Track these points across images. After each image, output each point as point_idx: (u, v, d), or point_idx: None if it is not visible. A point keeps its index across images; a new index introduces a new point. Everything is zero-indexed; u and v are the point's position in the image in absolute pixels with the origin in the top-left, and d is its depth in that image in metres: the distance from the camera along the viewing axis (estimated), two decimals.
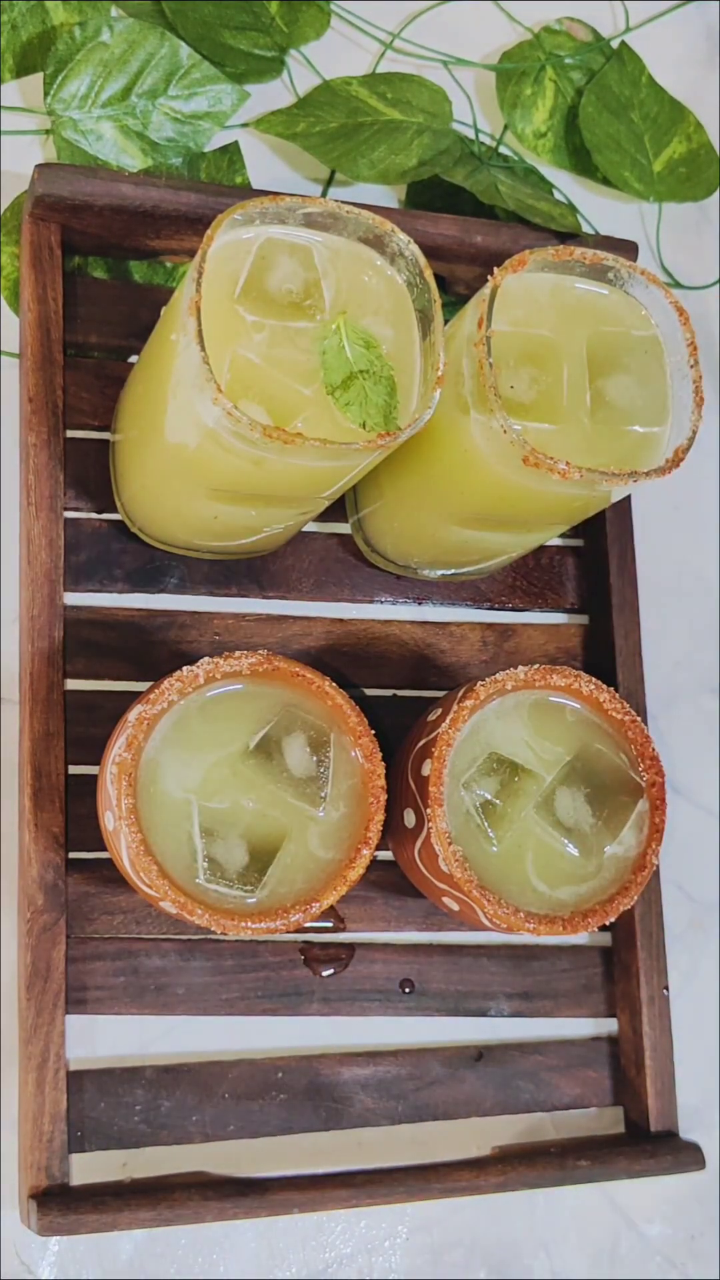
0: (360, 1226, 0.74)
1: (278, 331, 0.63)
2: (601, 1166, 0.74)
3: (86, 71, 0.77)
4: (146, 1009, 0.71)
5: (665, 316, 0.67)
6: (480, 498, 0.68)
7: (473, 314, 0.64)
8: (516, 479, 0.64)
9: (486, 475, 0.66)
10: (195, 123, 0.80)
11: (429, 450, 0.68)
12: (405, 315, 0.65)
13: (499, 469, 0.65)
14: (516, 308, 0.66)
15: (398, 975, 0.76)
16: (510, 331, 0.66)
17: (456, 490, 0.69)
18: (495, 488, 0.66)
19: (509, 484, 0.65)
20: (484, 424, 0.63)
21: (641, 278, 0.67)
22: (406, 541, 0.76)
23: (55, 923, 0.68)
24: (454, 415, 0.66)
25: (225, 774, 0.66)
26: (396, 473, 0.72)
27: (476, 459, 0.65)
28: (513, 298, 0.66)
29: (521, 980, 0.77)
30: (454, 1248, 0.75)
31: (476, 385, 0.63)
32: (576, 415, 0.66)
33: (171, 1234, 0.71)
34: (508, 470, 0.64)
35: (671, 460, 0.65)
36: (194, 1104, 0.71)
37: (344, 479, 0.65)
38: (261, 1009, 0.73)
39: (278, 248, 0.63)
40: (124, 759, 0.63)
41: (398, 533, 0.76)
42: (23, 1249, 0.69)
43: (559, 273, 0.68)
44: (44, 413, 0.72)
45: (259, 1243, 0.73)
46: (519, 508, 0.68)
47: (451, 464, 0.67)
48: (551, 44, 0.90)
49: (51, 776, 0.69)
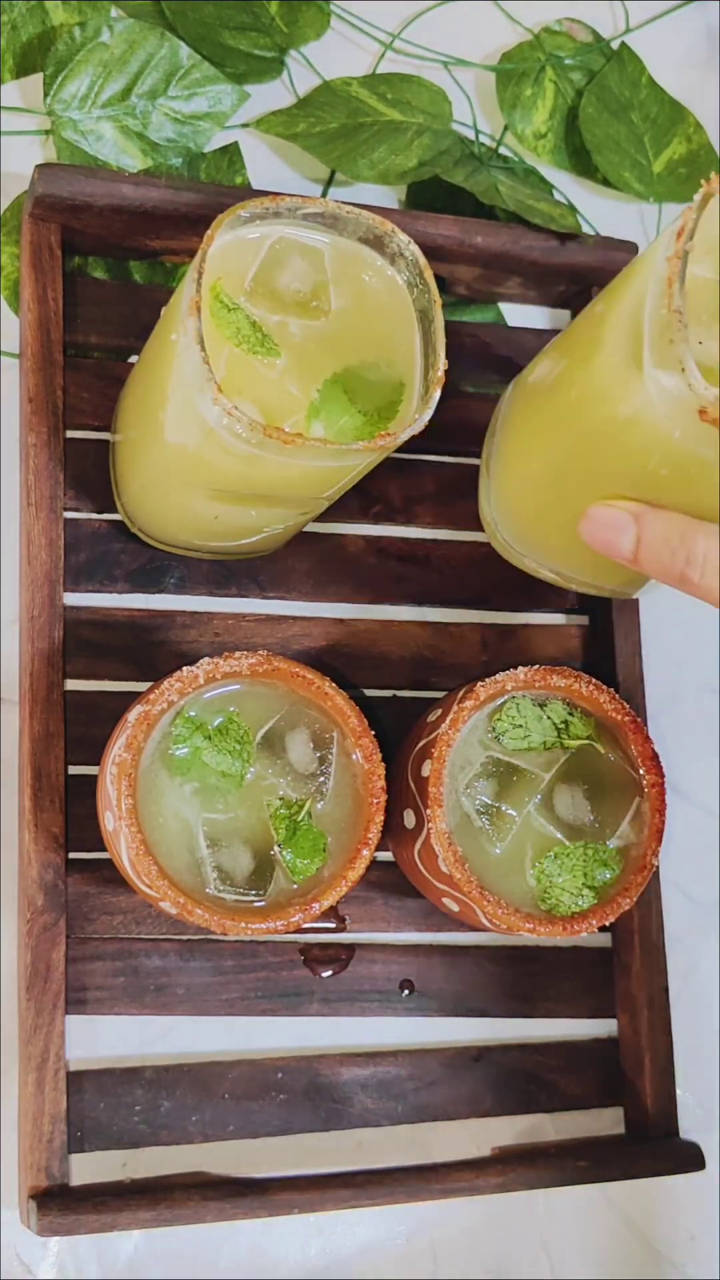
0: (360, 1227, 0.74)
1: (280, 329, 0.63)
2: (601, 1167, 0.74)
3: (86, 72, 0.77)
4: (146, 1009, 0.71)
5: None
6: (637, 468, 0.60)
7: (665, 245, 0.56)
8: (688, 445, 0.56)
9: (654, 442, 0.58)
10: (195, 123, 0.80)
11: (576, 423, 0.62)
12: (405, 315, 0.65)
13: (670, 433, 0.57)
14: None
15: (397, 976, 0.75)
16: (711, 279, 0.58)
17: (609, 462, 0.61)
18: (661, 456, 0.58)
19: (680, 451, 0.57)
20: (656, 380, 0.55)
21: None
22: (530, 527, 0.71)
23: (55, 923, 0.68)
24: (618, 373, 0.58)
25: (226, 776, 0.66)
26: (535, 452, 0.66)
27: (641, 424, 0.57)
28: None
29: (521, 981, 0.77)
30: (453, 1248, 0.75)
31: (657, 324, 0.55)
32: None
33: (171, 1234, 0.71)
34: (682, 433, 0.56)
35: None
36: (194, 1104, 0.71)
37: (344, 479, 0.65)
38: (261, 1009, 0.73)
39: (288, 247, 0.64)
40: (124, 759, 0.63)
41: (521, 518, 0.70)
42: (22, 1249, 0.69)
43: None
44: (44, 413, 0.72)
45: (259, 1243, 0.72)
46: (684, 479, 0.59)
47: (605, 435, 0.60)
48: (551, 45, 0.90)
49: (51, 777, 0.69)
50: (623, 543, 0.59)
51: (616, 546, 0.59)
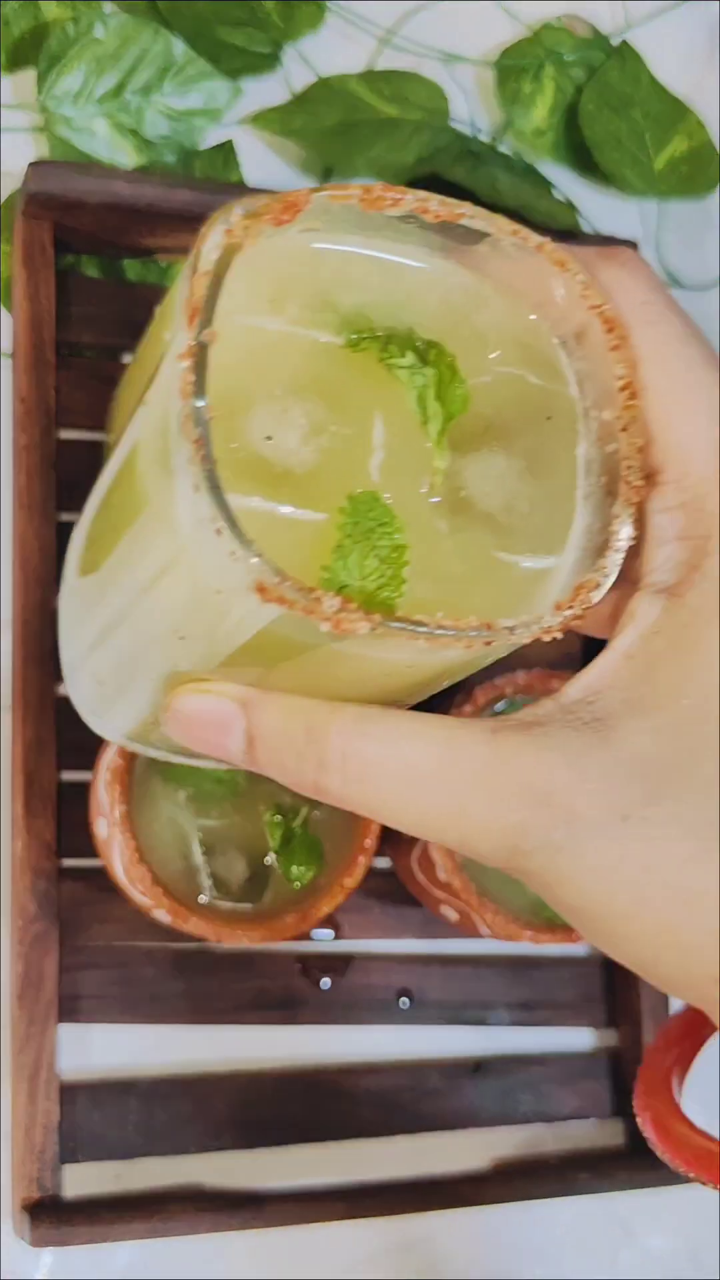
0: (358, 1239, 0.74)
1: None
2: (602, 1178, 0.74)
3: (80, 67, 0.76)
4: (140, 1019, 0.71)
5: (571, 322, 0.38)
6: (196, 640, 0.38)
7: (183, 288, 0.35)
8: (262, 627, 0.35)
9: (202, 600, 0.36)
10: (189, 119, 0.79)
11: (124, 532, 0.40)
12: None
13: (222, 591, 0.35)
14: (292, 289, 0.37)
15: (395, 985, 0.75)
16: (265, 329, 0.37)
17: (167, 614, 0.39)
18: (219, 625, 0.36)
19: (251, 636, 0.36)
20: (189, 501, 0.34)
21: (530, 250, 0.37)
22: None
23: (47, 931, 0.68)
24: (154, 476, 0.37)
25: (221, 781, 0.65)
26: None
27: (182, 565, 0.36)
28: (282, 269, 0.37)
29: (521, 990, 0.77)
30: (452, 1261, 0.75)
31: (167, 430, 0.35)
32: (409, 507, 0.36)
33: (167, 1246, 0.70)
34: (240, 605, 0.34)
35: (569, 602, 0.37)
36: (188, 1115, 0.70)
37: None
38: (257, 1019, 0.72)
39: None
40: (117, 765, 0.62)
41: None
42: (16, 1260, 0.68)
43: (373, 234, 0.37)
44: (36, 413, 0.72)
45: (254, 1256, 0.72)
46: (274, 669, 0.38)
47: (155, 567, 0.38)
48: (551, 41, 0.89)
49: (43, 783, 0.69)
50: (229, 746, 0.39)
51: (222, 749, 0.39)
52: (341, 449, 0.36)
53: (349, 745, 0.37)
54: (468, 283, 0.39)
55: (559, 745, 0.37)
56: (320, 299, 0.37)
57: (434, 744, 0.37)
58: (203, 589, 0.35)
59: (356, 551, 0.35)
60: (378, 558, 0.35)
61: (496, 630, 0.35)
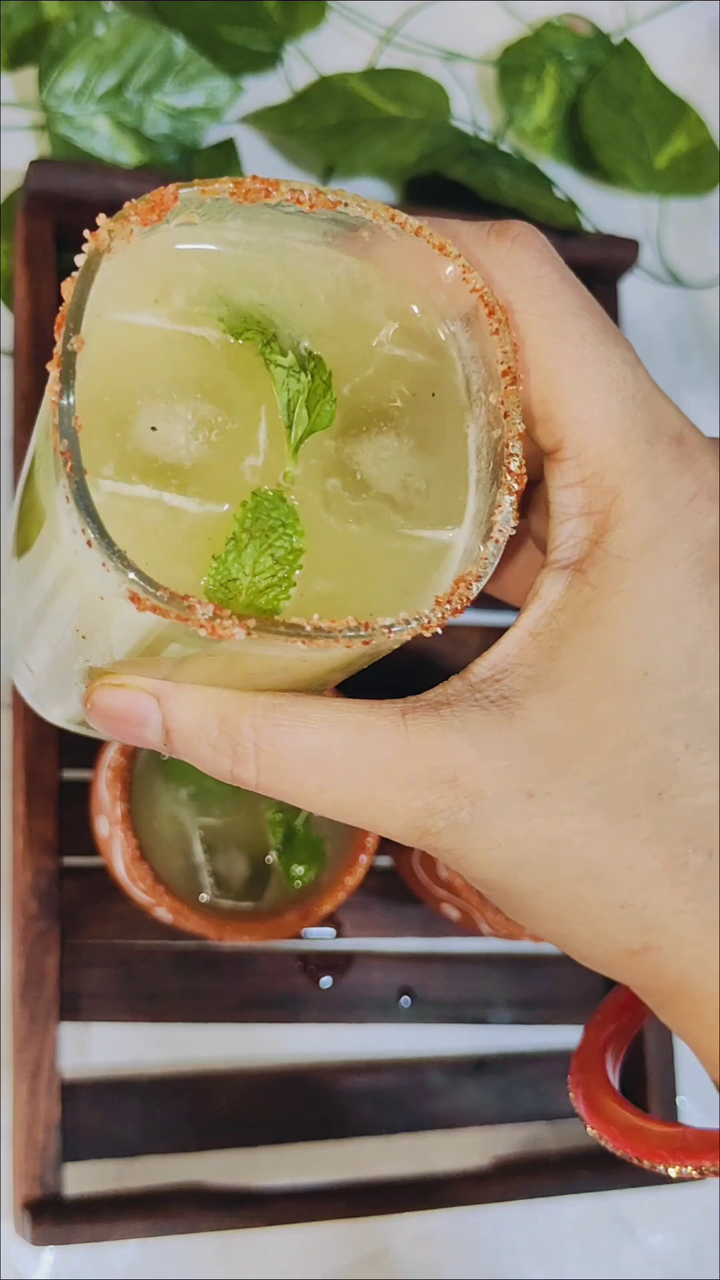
0: (359, 1238, 0.74)
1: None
2: (603, 1176, 0.74)
3: (81, 66, 0.76)
4: (141, 1017, 0.70)
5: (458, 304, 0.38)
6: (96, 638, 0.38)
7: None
8: (150, 630, 0.35)
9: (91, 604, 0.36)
10: (190, 118, 0.79)
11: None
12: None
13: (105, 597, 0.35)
14: (177, 285, 0.37)
15: (396, 983, 0.75)
16: (148, 326, 0.36)
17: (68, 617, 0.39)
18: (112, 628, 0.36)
19: (145, 637, 0.36)
20: (65, 510, 0.34)
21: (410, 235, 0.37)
22: None
23: (49, 930, 0.67)
24: (44, 482, 0.37)
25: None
26: None
27: (72, 572, 0.36)
28: (166, 266, 0.37)
29: (522, 988, 0.77)
30: (454, 1259, 0.75)
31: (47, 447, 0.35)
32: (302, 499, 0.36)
33: (167, 1243, 0.70)
34: (123, 611, 0.34)
35: (448, 598, 0.37)
36: (189, 1114, 0.70)
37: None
38: (258, 1017, 0.72)
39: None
40: (118, 764, 0.62)
41: None
42: (17, 1258, 0.68)
43: (264, 230, 0.37)
44: (37, 412, 0.71)
45: (256, 1254, 0.72)
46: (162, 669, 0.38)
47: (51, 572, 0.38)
48: (552, 39, 0.89)
49: (44, 781, 0.69)
50: (148, 736, 0.39)
51: (143, 740, 0.40)
52: (227, 443, 0.36)
53: (261, 735, 0.38)
54: (354, 270, 0.38)
55: (465, 725, 0.38)
56: (207, 294, 0.37)
57: (343, 731, 0.37)
58: (89, 594, 0.35)
59: (253, 547, 0.35)
60: (273, 557, 0.35)
61: (375, 630, 0.35)
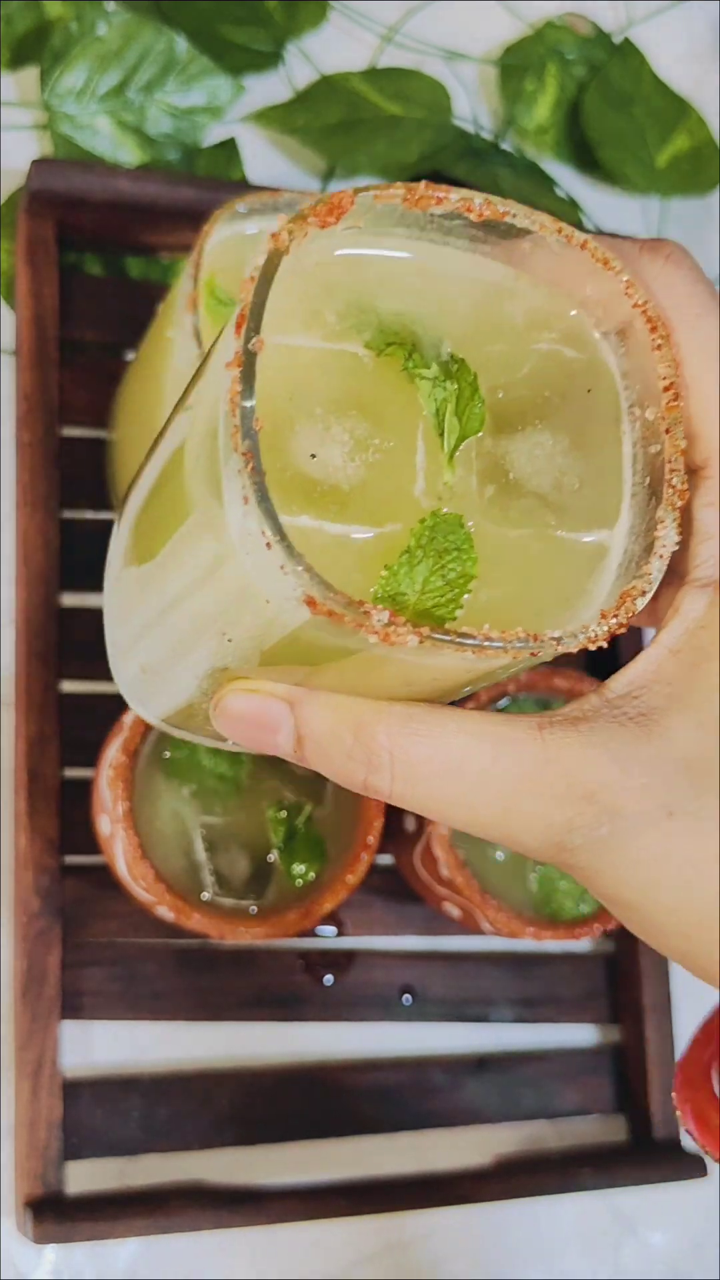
0: (360, 1236, 0.74)
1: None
2: (604, 1174, 0.74)
3: (82, 65, 0.76)
4: (143, 1015, 0.70)
5: (613, 318, 0.38)
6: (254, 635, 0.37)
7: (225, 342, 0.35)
8: (309, 634, 0.35)
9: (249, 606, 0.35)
10: (192, 117, 0.79)
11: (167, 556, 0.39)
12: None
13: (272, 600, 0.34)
14: (324, 300, 0.36)
15: (398, 982, 0.75)
16: (301, 347, 0.36)
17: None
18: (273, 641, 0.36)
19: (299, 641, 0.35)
20: (239, 511, 0.33)
21: (575, 247, 0.37)
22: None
23: (50, 928, 0.67)
24: (199, 482, 0.36)
25: (224, 778, 0.65)
26: None
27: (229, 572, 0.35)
28: (311, 282, 0.36)
29: (523, 987, 0.77)
30: (455, 1257, 0.75)
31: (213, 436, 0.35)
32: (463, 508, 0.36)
33: (169, 1242, 0.70)
34: (289, 614, 0.34)
35: (613, 612, 0.35)
36: (191, 1112, 0.70)
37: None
38: (259, 1016, 0.72)
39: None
40: (120, 762, 0.62)
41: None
42: (19, 1256, 0.68)
43: (415, 234, 0.37)
44: (39, 411, 0.72)
45: (257, 1252, 0.72)
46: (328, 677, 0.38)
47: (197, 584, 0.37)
48: (553, 39, 0.89)
49: (46, 780, 0.69)
50: (279, 743, 0.39)
51: (272, 747, 0.40)
52: (386, 462, 0.35)
53: (396, 745, 0.37)
54: (501, 275, 0.38)
55: (604, 741, 0.37)
56: (354, 306, 0.36)
57: (481, 743, 0.37)
58: (251, 596, 0.35)
59: (425, 565, 0.35)
60: (444, 579, 0.35)
61: (543, 641, 0.34)
